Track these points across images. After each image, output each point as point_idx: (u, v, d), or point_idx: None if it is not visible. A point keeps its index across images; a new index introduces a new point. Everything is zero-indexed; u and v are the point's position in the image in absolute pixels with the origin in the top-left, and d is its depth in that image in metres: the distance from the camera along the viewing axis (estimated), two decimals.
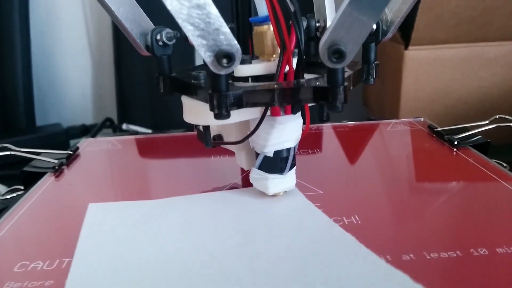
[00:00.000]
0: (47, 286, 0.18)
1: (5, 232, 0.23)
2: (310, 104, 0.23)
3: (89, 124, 0.64)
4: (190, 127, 0.39)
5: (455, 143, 0.30)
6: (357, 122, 0.38)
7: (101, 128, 0.63)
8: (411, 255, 0.19)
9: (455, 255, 0.19)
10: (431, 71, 0.51)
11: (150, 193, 0.27)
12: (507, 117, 0.32)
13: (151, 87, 0.64)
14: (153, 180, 0.29)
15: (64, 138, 0.61)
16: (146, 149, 0.35)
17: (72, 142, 0.61)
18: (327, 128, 0.37)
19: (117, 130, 0.63)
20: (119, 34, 0.63)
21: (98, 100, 0.70)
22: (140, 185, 0.29)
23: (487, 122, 0.32)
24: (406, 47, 0.49)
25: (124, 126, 0.62)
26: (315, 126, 0.37)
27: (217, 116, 0.19)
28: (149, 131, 0.58)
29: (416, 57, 0.50)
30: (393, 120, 0.37)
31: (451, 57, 0.50)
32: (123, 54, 0.64)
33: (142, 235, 0.21)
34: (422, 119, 0.37)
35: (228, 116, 0.19)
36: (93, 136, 0.59)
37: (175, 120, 0.63)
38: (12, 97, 0.62)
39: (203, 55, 0.17)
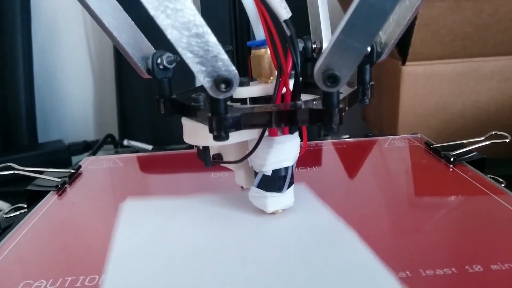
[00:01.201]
0: None
1: (9, 251, 0.23)
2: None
3: (90, 140, 0.65)
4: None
5: (452, 159, 0.31)
6: (355, 139, 0.38)
7: (103, 144, 0.63)
8: (407, 272, 0.19)
9: (450, 272, 0.19)
10: (429, 86, 0.51)
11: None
12: (502, 133, 0.32)
13: (152, 104, 0.65)
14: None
15: (66, 155, 0.61)
16: (147, 166, 0.36)
17: (74, 158, 0.61)
18: (325, 144, 0.37)
19: (118, 146, 0.64)
20: (120, 52, 0.64)
21: (99, 116, 0.71)
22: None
23: (483, 138, 0.32)
24: (403, 63, 0.50)
25: (125, 142, 0.62)
26: (313, 142, 0.37)
27: (216, 138, 0.19)
28: (150, 147, 0.58)
29: (413, 72, 0.51)
30: (391, 137, 0.38)
31: (448, 72, 0.51)
32: (124, 71, 0.64)
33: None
34: (419, 135, 0.38)
35: (226, 137, 0.19)
36: (95, 152, 0.60)
37: (176, 136, 0.64)
38: (14, 114, 0.63)
39: (202, 80, 0.17)
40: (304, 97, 0.23)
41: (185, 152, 0.38)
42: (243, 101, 0.23)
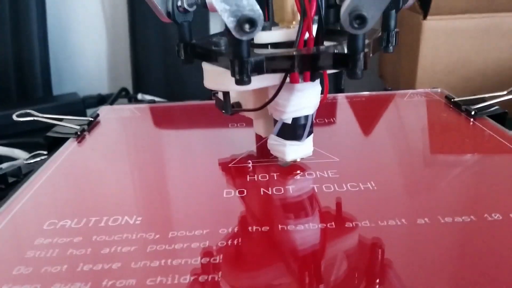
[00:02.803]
0: (75, 243, 0.19)
1: (33, 193, 0.24)
2: (329, 72, 0.23)
3: (104, 93, 0.65)
4: (204, 97, 0.39)
5: (472, 113, 0.30)
6: (373, 93, 0.38)
7: (117, 98, 0.64)
8: (426, 219, 0.19)
9: (469, 219, 0.19)
10: (450, 41, 0.50)
11: (169, 158, 0.28)
12: None
13: (166, 57, 0.64)
14: (172, 146, 0.30)
15: (81, 107, 0.62)
16: (164, 117, 0.36)
17: (89, 111, 0.61)
18: (343, 98, 0.37)
19: (132, 100, 0.64)
20: (134, 3, 0.63)
21: (113, 70, 0.71)
22: (160, 150, 0.29)
23: (505, 92, 0.32)
24: (424, 17, 0.48)
25: (139, 96, 0.62)
26: (331, 96, 0.37)
27: (238, 82, 0.19)
28: (164, 101, 0.58)
29: (434, 27, 0.50)
30: (410, 91, 0.37)
31: (470, 28, 0.50)
32: (138, 24, 0.63)
33: None
34: (439, 90, 0.37)
35: (249, 82, 0.19)
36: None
37: (190, 90, 0.64)
38: (29, 66, 0.63)
39: (226, 20, 0.17)
40: (326, 44, 0.22)
41: (203, 103, 0.38)
42: (264, 47, 0.22)
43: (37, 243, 0.19)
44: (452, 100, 0.33)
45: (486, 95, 0.32)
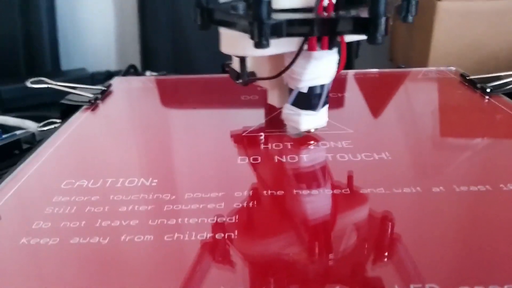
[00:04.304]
0: (93, 201, 0.19)
1: (48, 155, 0.24)
2: (347, 40, 0.23)
3: (112, 70, 0.65)
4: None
5: (488, 90, 0.30)
6: (387, 70, 0.38)
7: (126, 74, 0.63)
8: (441, 187, 0.19)
9: (484, 189, 0.19)
10: (463, 24, 0.49)
11: (182, 126, 0.28)
12: None
13: (175, 35, 0.64)
14: (185, 117, 0.30)
15: (89, 83, 0.62)
16: (176, 89, 0.36)
17: None
18: (357, 74, 0.37)
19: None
20: None
21: (121, 46, 0.71)
22: (173, 120, 0.30)
23: None
24: None
25: (148, 73, 0.62)
26: (344, 71, 0.37)
27: (257, 45, 0.19)
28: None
29: (449, 8, 0.49)
30: (424, 69, 0.37)
31: (485, 10, 0.49)
32: (147, 1, 0.63)
33: None
34: (454, 68, 0.37)
35: (267, 45, 0.19)
36: None
37: (198, 68, 0.63)
38: (37, 41, 0.63)
39: None
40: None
41: (215, 76, 0.37)
42: (283, 12, 0.22)
43: (55, 200, 0.19)
44: (467, 78, 0.33)
45: (502, 74, 0.32)
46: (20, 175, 0.22)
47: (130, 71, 0.65)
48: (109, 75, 0.64)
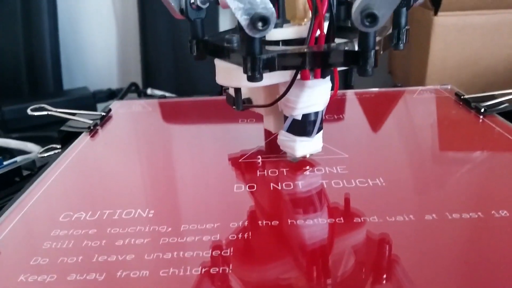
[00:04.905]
0: (90, 234, 0.19)
1: (47, 186, 0.24)
2: (339, 69, 0.23)
3: (114, 88, 0.66)
4: (214, 93, 0.40)
5: (482, 110, 0.30)
6: (383, 89, 0.38)
7: (127, 92, 0.64)
8: (434, 215, 0.19)
9: (476, 216, 0.19)
10: (460, 38, 0.50)
11: (180, 152, 0.29)
12: None
13: (176, 52, 0.65)
14: (182, 141, 0.30)
15: (91, 102, 0.62)
16: (174, 112, 0.36)
17: (99, 106, 0.62)
18: (352, 94, 0.37)
19: (142, 94, 0.64)
20: None
21: (123, 64, 0.71)
22: (171, 145, 0.30)
23: None
24: (435, 13, 0.48)
25: (149, 91, 0.63)
26: (340, 92, 0.37)
27: (250, 79, 0.19)
28: (174, 96, 0.59)
29: (445, 23, 0.49)
30: (420, 87, 0.37)
31: (481, 24, 0.49)
32: (148, 19, 0.64)
33: None
34: (449, 87, 0.37)
35: (260, 78, 0.19)
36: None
37: (199, 86, 0.64)
38: (40, 60, 0.63)
39: (239, 18, 0.17)
40: (337, 41, 0.22)
41: (213, 98, 0.38)
42: (275, 43, 0.23)
43: (53, 234, 0.19)
44: (462, 97, 0.33)
45: (496, 92, 0.32)
46: (20, 207, 0.22)
47: (132, 88, 0.66)
48: (111, 93, 0.65)
